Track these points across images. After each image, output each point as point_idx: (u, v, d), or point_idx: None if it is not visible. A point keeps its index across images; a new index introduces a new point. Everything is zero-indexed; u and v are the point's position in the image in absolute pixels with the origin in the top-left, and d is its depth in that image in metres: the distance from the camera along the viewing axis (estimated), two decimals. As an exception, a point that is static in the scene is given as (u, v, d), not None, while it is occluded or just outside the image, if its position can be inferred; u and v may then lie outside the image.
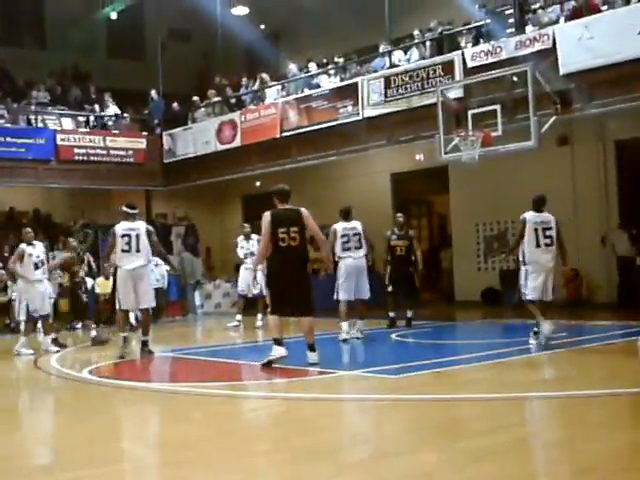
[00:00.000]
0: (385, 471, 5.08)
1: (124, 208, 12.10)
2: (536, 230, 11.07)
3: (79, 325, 18.53)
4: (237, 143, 20.16)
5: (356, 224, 13.02)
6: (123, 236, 11.79)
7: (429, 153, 17.40)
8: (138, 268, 11.77)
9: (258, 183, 22.57)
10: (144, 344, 11.81)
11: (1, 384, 10.59)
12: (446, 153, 15.07)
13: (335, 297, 12.81)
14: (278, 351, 9.89)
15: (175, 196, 23.85)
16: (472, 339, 13.27)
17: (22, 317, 13.28)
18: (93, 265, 20.52)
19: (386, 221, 16.74)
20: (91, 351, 13.48)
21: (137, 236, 11.80)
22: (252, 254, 16.26)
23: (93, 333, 14.61)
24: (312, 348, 9.95)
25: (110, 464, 5.46)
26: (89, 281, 19.52)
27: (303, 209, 10.22)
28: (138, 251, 11.78)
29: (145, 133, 22.81)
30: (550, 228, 11.09)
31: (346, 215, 13.09)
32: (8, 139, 20.65)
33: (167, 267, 16.19)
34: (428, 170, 19.83)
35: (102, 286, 19.48)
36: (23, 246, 13.13)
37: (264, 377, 9.60)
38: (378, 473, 5.07)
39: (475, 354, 10.57)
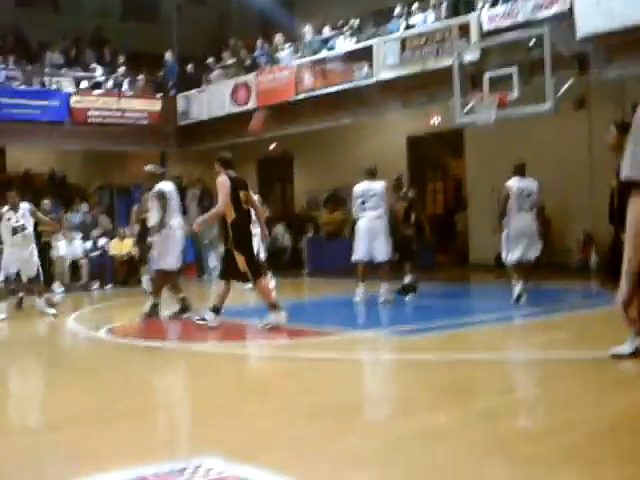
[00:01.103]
0: (397, 430, 5.11)
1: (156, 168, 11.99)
2: (519, 196, 11.62)
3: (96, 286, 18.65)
4: (252, 105, 20.09)
5: (375, 184, 12.82)
6: (171, 198, 11.65)
7: (445, 116, 17.32)
8: (181, 228, 11.82)
9: (272, 146, 22.53)
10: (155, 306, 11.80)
11: (18, 343, 10.70)
12: (462, 116, 14.99)
13: (353, 258, 12.77)
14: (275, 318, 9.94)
15: (190, 158, 23.83)
16: (485, 301, 13.29)
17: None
18: (109, 226, 20.69)
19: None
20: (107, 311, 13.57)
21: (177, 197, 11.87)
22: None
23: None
24: (274, 307, 9.98)
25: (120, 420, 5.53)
26: (103, 242, 19.69)
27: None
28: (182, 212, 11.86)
29: (159, 95, 22.77)
30: (530, 194, 11.77)
31: (370, 174, 12.89)
32: (22, 101, 20.65)
33: None
34: (444, 133, 19.72)
35: (117, 247, 19.57)
36: (2, 210, 12.95)
37: (273, 337, 9.64)
38: (389, 432, 5.10)
39: (487, 316, 10.60)
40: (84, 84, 22.08)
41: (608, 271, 6.98)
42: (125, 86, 22.62)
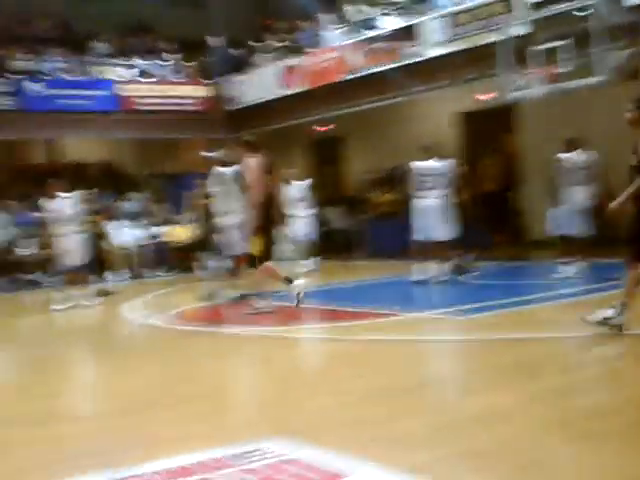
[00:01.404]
0: (459, 410, 5.06)
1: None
2: (571, 170, 11.70)
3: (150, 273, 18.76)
4: (299, 88, 20.00)
5: (436, 163, 12.69)
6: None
7: (495, 92, 17.09)
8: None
9: (323, 128, 22.43)
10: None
11: (80, 331, 10.79)
12: (511, 91, 14.77)
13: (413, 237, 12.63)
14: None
15: (238, 143, 23.80)
16: (544, 279, 13.10)
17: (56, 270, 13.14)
18: (162, 214, 20.79)
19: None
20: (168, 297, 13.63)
21: None
22: (301, 199, 16.19)
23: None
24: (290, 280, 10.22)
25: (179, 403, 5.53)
26: (157, 230, 19.80)
27: None
28: None
29: (206, 81, 22.78)
30: (584, 168, 11.86)
31: (428, 152, 12.78)
32: (72, 91, 20.80)
33: None
34: (494, 109, 19.43)
35: (170, 234, 19.67)
36: (41, 201, 13.01)
37: (333, 320, 9.60)
38: (452, 412, 5.05)
39: (547, 293, 10.44)
40: (132, 73, 22.17)
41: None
42: (172, 73, 22.67)
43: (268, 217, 10.19)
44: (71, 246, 12.90)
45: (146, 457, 4.23)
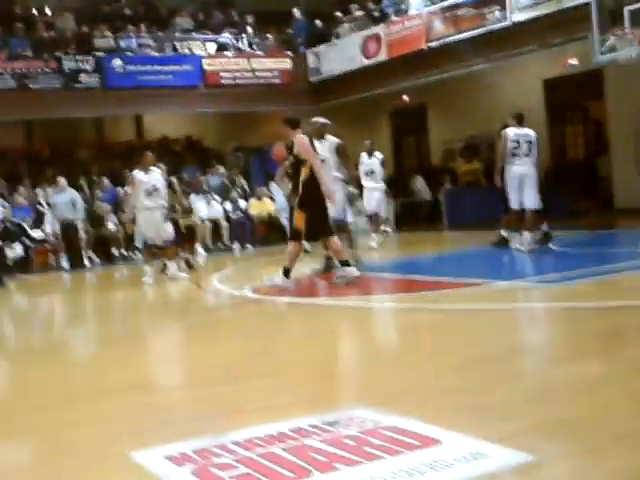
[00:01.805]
0: (550, 379, 4.94)
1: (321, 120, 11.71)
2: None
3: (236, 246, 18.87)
4: (382, 57, 19.85)
5: (529, 131, 12.53)
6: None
7: (583, 56, 16.68)
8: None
9: (406, 97, 22.22)
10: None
11: (170, 303, 10.90)
12: (601, 55, 14.37)
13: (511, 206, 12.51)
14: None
15: (322, 114, 23.68)
16: (633, 247, 12.76)
17: (139, 245, 13.22)
18: (246, 187, 20.89)
19: (539, 129, 16.17)
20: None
21: None
22: (372, 172, 15.77)
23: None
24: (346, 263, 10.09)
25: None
26: (242, 203, 19.91)
27: None
28: None
29: (290, 53, 22.75)
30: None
31: (519, 120, 12.60)
32: (156, 67, 21.02)
33: None
34: (582, 74, 18.98)
35: (255, 207, 19.77)
36: (134, 172, 13.04)
37: (418, 290, 9.51)
38: (546, 380, 4.93)
39: (637, 262, 10.16)
40: (214, 47, 22.26)
41: None
42: (255, 46, 22.70)
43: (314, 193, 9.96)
44: (160, 220, 12.96)
45: (241, 424, 4.22)
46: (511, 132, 12.46)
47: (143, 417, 4.78)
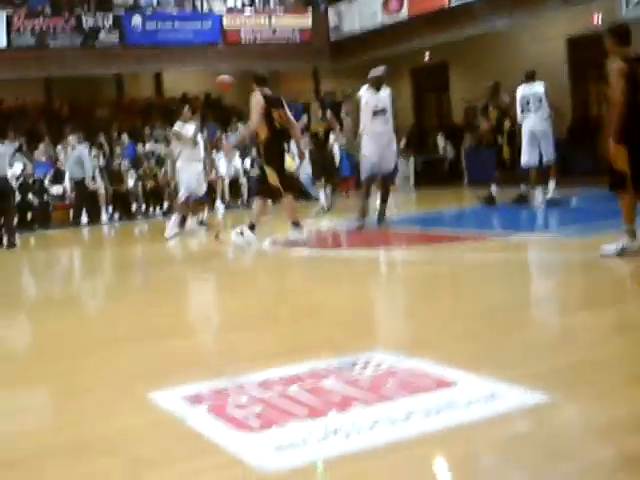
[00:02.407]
0: (574, 324, 4.91)
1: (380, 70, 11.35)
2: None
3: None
4: (404, 15, 19.68)
5: (537, 86, 12.58)
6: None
7: (609, 13, 16.42)
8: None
9: (427, 55, 22.03)
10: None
11: (191, 256, 10.92)
12: (630, 10, 14.16)
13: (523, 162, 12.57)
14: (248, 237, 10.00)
15: (343, 73, 23.60)
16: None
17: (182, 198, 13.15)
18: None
19: (562, 89, 16.02)
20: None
21: None
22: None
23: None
24: (297, 224, 10.12)
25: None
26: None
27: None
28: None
29: (310, 10, 22.56)
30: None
31: (529, 77, 12.67)
32: (176, 25, 20.93)
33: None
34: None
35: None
36: (177, 125, 12.91)
37: (434, 242, 9.49)
38: (566, 326, 4.92)
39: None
40: (234, 4, 22.11)
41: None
42: (276, 3, 22.53)
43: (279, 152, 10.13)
44: (202, 173, 13.07)
45: (258, 367, 4.23)
46: (520, 89, 12.61)
47: (161, 361, 4.80)
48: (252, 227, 10.03)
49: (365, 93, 11.13)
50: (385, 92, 11.19)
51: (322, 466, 2.99)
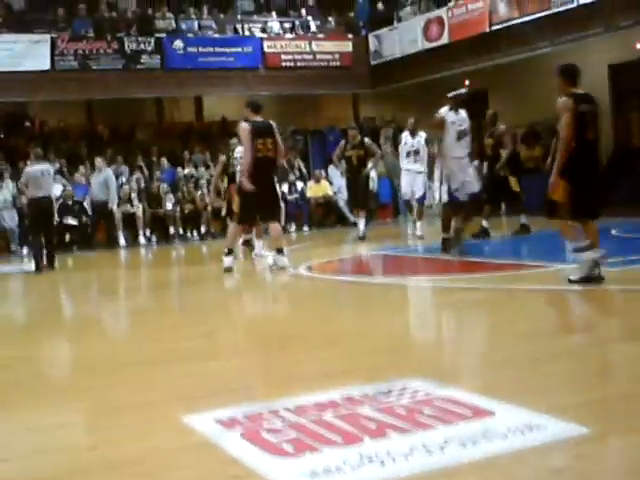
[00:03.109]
0: (612, 356, 4.83)
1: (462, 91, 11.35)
2: None
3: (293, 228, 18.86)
4: (444, 40, 19.64)
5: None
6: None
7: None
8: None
9: (467, 82, 21.95)
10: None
11: (229, 279, 10.93)
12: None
13: None
14: (227, 261, 10.43)
15: (382, 98, 23.60)
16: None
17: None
18: (304, 170, 20.86)
19: (603, 117, 15.82)
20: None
21: None
22: (417, 152, 14.32)
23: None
24: (280, 251, 10.36)
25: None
26: (300, 185, 19.88)
27: (273, 122, 10.55)
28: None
29: (351, 36, 22.62)
30: None
31: None
32: (217, 49, 21.06)
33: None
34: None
35: (312, 190, 19.72)
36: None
37: (477, 271, 9.41)
38: (604, 358, 4.85)
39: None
40: (275, 29, 22.23)
41: None
42: (316, 29, 22.62)
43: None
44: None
45: (293, 392, 4.22)
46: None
47: (195, 383, 4.79)
48: (229, 252, 10.44)
49: (448, 113, 10.68)
50: (463, 113, 10.89)
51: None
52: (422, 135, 14.43)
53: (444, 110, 10.71)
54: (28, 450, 3.71)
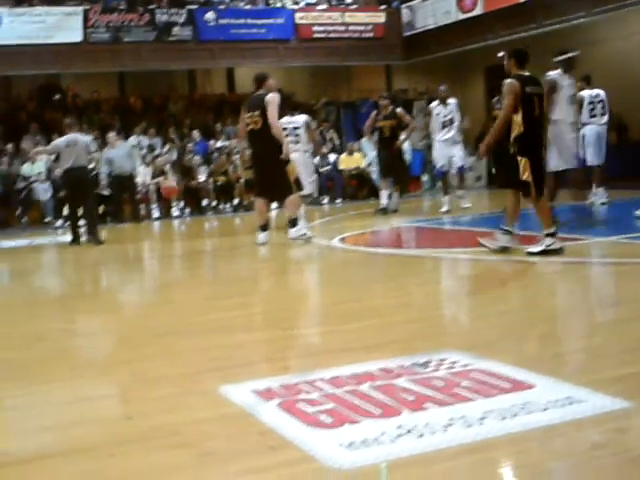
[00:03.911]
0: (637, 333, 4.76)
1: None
2: None
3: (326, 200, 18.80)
4: (479, 11, 19.39)
5: (599, 91, 12.84)
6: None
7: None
8: None
9: (501, 53, 21.70)
10: None
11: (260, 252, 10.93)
12: None
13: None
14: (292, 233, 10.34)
15: (415, 70, 23.42)
16: None
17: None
18: (336, 142, 20.78)
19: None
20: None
21: None
22: (451, 121, 13.96)
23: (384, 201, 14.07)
24: (292, 223, 10.37)
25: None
26: (332, 157, 19.80)
27: (270, 95, 10.23)
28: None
29: (384, 6, 22.42)
30: None
31: (587, 82, 12.83)
32: (249, 21, 20.93)
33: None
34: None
35: (345, 162, 19.65)
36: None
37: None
38: (630, 334, 4.74)
39: None
40: (307, 0, 22.08)
41: None
42: (348, 0, 22.46)
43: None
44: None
45: (330, 364, 4.20)
46: (585, 94, 12.66)
47: (231, 354, 4.78)
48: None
49: (560, 77, 10.23)
50: (573, 78, 10.56)
51: (390, 466, 2.91)
52: (453, 102, 14.20)
53: (555, 73, 10.32)
54: (65, 420, 3.74)
